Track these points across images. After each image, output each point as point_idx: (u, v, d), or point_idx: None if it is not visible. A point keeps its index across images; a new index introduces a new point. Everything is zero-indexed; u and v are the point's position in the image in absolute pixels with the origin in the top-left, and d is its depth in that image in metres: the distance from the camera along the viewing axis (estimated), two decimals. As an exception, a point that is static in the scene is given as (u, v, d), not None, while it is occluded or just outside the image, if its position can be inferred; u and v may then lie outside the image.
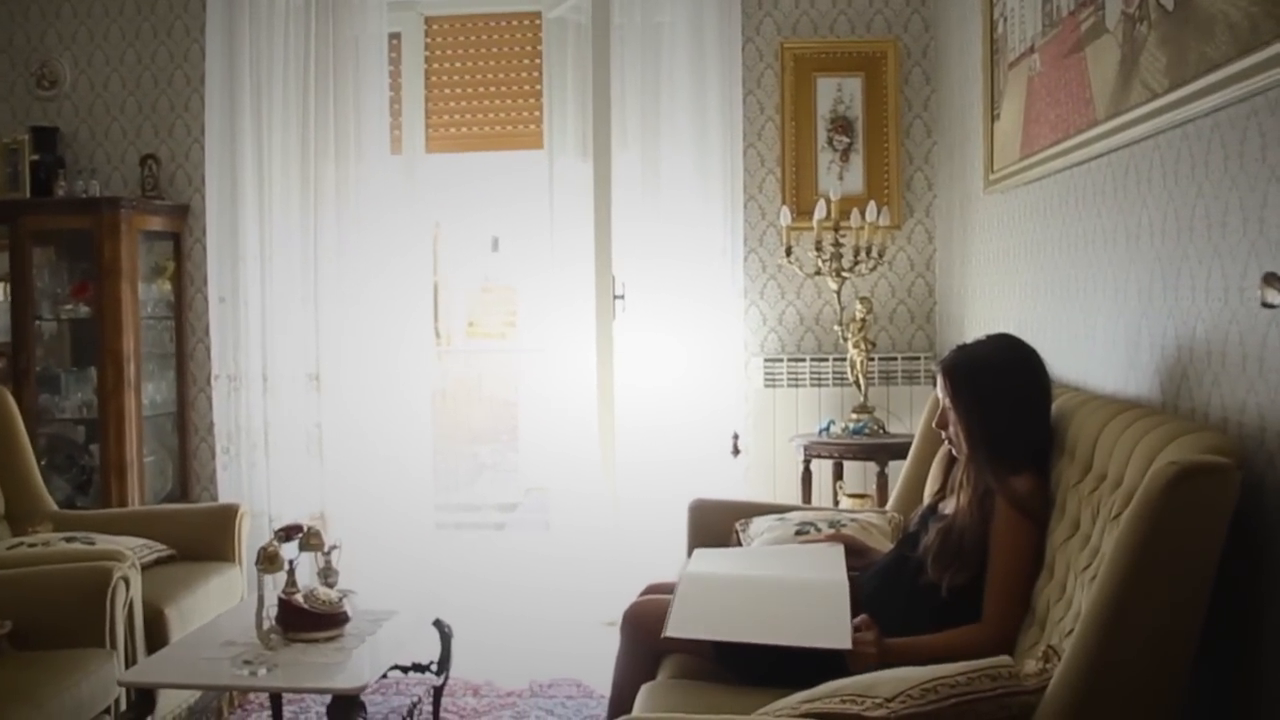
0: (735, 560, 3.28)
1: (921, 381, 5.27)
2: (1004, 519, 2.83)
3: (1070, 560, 2.57)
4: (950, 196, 5.06)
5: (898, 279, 5.40)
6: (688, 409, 5.34)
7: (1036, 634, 2.68)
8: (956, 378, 2.98)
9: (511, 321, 14.89)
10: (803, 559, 3.27)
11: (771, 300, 5.45)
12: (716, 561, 3.29)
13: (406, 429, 5.68)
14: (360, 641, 3.42)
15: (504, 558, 6.17)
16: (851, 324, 5.01)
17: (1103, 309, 3.11)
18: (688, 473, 5.28)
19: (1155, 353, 2.78)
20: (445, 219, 12.75)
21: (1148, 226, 2.80)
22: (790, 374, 5.34)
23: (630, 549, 5.30)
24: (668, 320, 5.33)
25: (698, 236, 5.31)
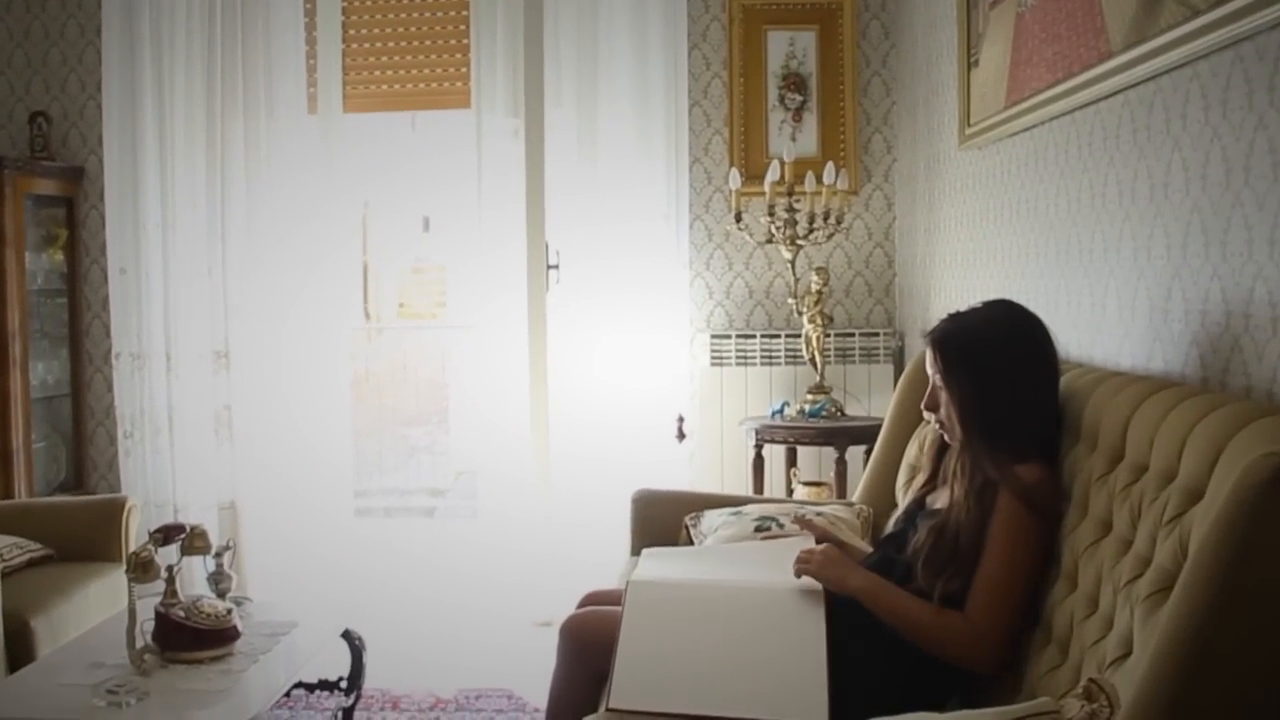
0: (691, 568, 2.72)
1: (881, 360, 4.76)
2: (1007, 514, 2.31)
3: (1103, 569, 2.06)
4: (913, 158, 4.54)
5: (854, 249, 4.88)
6: (628, 389, 4.79)
7: (1055, 656, 2.17)
8: (949, 351, 2.45)
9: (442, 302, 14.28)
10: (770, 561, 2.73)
11: (718, 272, 4.91)
12: (668, 568, 2.73)
13: (325, 411, 5.06)
14: (252, 661, 2.83)
15: (429, 549, 5.58)
16: (806, 296, 4.48)
17: (1117, 272, 2.59)
18: (628, 458, 4.73)
19: (1192, 320, 2.26)
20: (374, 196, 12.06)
21: (1180, 172, 2.28)
22: (739, 351, 4.80)
23: (565, 541, 4.75)
24: (606, 293, 4.77)
25: (639, 202, 4.75)
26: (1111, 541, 2.07)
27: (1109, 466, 2.18)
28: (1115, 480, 2.12)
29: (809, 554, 2.44)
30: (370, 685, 3.76)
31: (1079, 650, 2.06)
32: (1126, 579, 1.93)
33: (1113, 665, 1.86)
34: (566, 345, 4.76)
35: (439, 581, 5.11)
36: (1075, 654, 2.07)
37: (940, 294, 4.18)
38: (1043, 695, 2.15)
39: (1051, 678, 2.14)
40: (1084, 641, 2.04)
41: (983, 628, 2.28)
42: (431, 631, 4.60)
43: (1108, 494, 2.14)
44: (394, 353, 11.82)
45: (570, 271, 4.73)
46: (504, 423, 4.85)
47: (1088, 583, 2.11)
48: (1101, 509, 2.15)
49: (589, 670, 2.63)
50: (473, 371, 5.06)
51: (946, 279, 4.08)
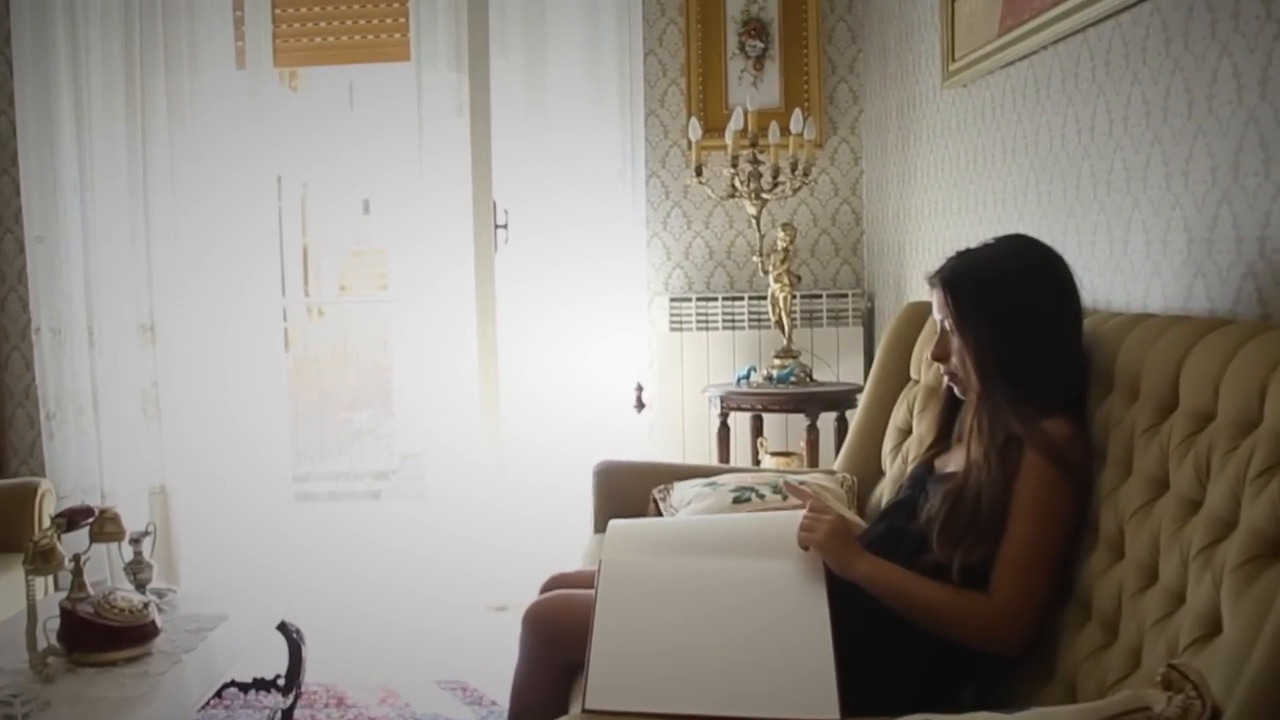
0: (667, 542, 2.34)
1: (850, 322, 4.42)
2: (1035, 474, 1.98)
3: (1161, 535, 1.72)
4: (883, 107, 4.19)
5: (819, 206, 4.53)
6: (583, 357, 4.41)
7: (1099, 636, 1.84)
8: (962, 291, 2.11)
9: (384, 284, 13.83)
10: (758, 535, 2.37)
11: (676, 231, 4.54)
12: (641, 543, 2.35)
13: (261, 392, 4.62)
14: (173, 661, 2.44)
15: (375, 534, 5.17)
16: (772, 255, 4.13)
17: (1144, 203, 2.26)
18: (584, 431, 4.37)
19: (1246, 249, 1.93)
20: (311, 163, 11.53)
21: (1231, 80, 1.95)
22: (700, 315, 4.44)
23: (520, 520, 4.38)
24: (558, 256, 4.38)
25: (592, 158, 4.36)
26: (1170, 502, 1.73)
27: (1157, 418, 1.85)
28: (1168, 433, 1.79)
29: (814, 521, 2.09)
30: (314, 680, 3.39)
31: (1135, 629, 1.72)
32: (1200, 545, 1.60)
33: (1192, 647, 1.53)
34: (516, 313, 4.38)
35: (386, 568, 4.71)
36: (1130, 634, 1.74)
37: (916, 248, 3.85)
38: (1086, 679, 1.82)
39: (1097, 661, 1.81)
40: (1142, 619, 1.70)
41: (1012, 605, 1.94)
42: (380, 621, 4.21)
43: (1159, 449, 1.80)
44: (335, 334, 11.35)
45: (520, 234, 4.35)
46: (452, 399, 4.45)
47: (1140, 551, 1.78)
48: (1152, 466, 1.81)
49: (557, 662, 2.27)
50: (418, 347, 4.65)
51: (924, 231, 3.75)
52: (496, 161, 4.21)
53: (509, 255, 4.31)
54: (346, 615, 4.24)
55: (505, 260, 4.30)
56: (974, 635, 1.97)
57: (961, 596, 1.97)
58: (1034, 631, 1.95)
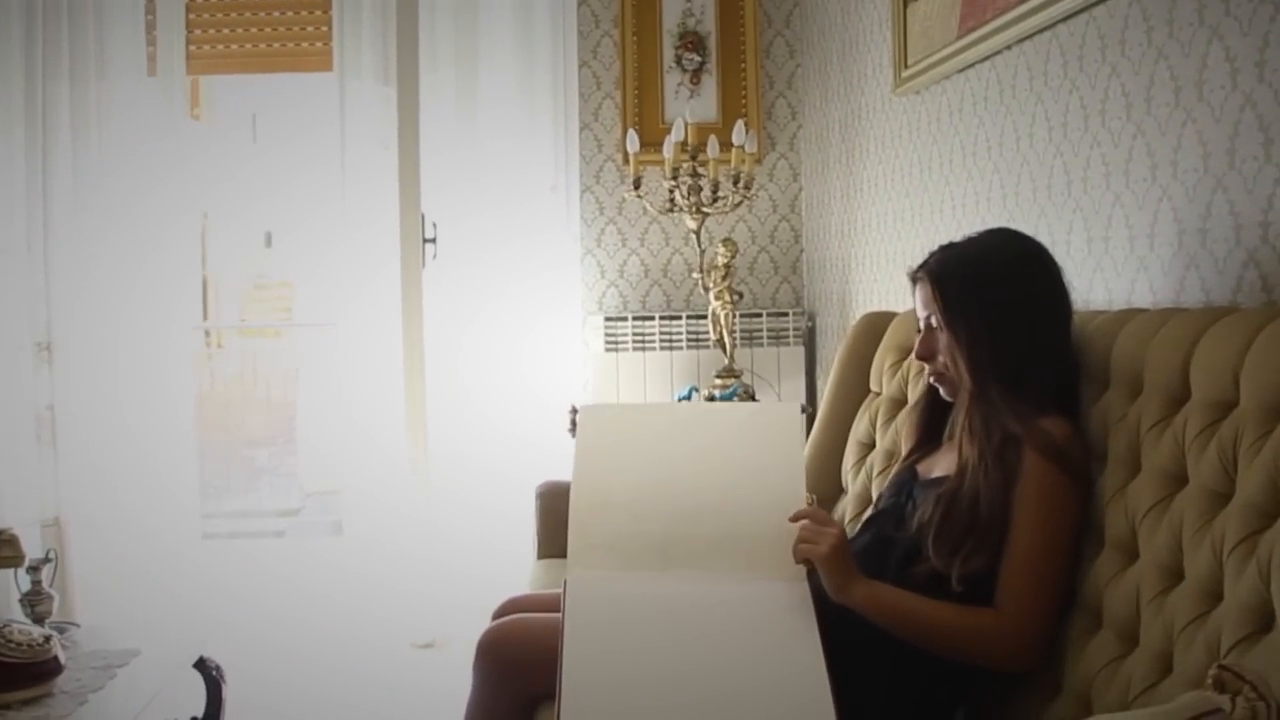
0: (644, 453, 2.14)
1: (791, 342, 4.33)
2: (1037, 476, 1.87)
3: (1183, 532, 1.62)
4: (824, 121, 4.13)
5: (758, 223, 4.45)
6: (515, 379, 4.25)
7: (1115, 644, 1.73)
8: (951, 285, 2.01)
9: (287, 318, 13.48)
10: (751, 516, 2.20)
11: (610, 249, 4.41)
12: (613, 443, 2.18)
13: (165, 422, 4.36)
14: (79, 702, 2.21)
15: (288, 572, 4.91)
16: (713, 271, 4.02)
17: (1126, 197, 2.19)
18: (516, 457, 4.19)
19: (1248, 236, 1.86)
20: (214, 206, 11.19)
21: (1224, 64, 1.88)
22: (636, 335, 4.31)
23: (448, 553, 4.18)
24: (489, 273, 4.22)
25: (523, 171, 4.22)
26: (1192, 497, 1.64)
27: (1166, 411, 1.76)
28: (1182, 426, 1.70)
29: (817, 533, 1.95)
30: (229, 723, 3.15)
31: (1161, 634, 1.61)
32: (1238, 537, 1.50)
33: (1239, 646, 1.42)
34: (444, 335, 4.20)
35: (301, 608, 4.46)
36: (1155, 639, 1.63)
37: (863, 262, 3.77)
38: (1104, 691, 1.71)
39: (1115, 671, 1.70)
40: (1170, 622, 1.60)
41: (1023, 618, 1.83)
42: (297, 662, 3.97)
43: (1172, 442, 1.71)
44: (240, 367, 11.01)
45: (449, 250, 4.18)
46: (373, 427, 4.24)
47: (1159, 551, 1.67)
48: (1165, 460, 1.72)
49: (516, 693, 2.10)
50: (333, 377, 4.43)
51: (872, 244, 3.67)
52: (425, 175, 4.05)
53: (438, 272, 4.14)
54: (261, 657, 4.00)
55: (434, 277, 4.12)
56: (985, 654, 1.85)
57: (968, 614, 1.85)
58: (1047, 644, 1.84)
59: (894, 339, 2.94)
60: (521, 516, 4.13)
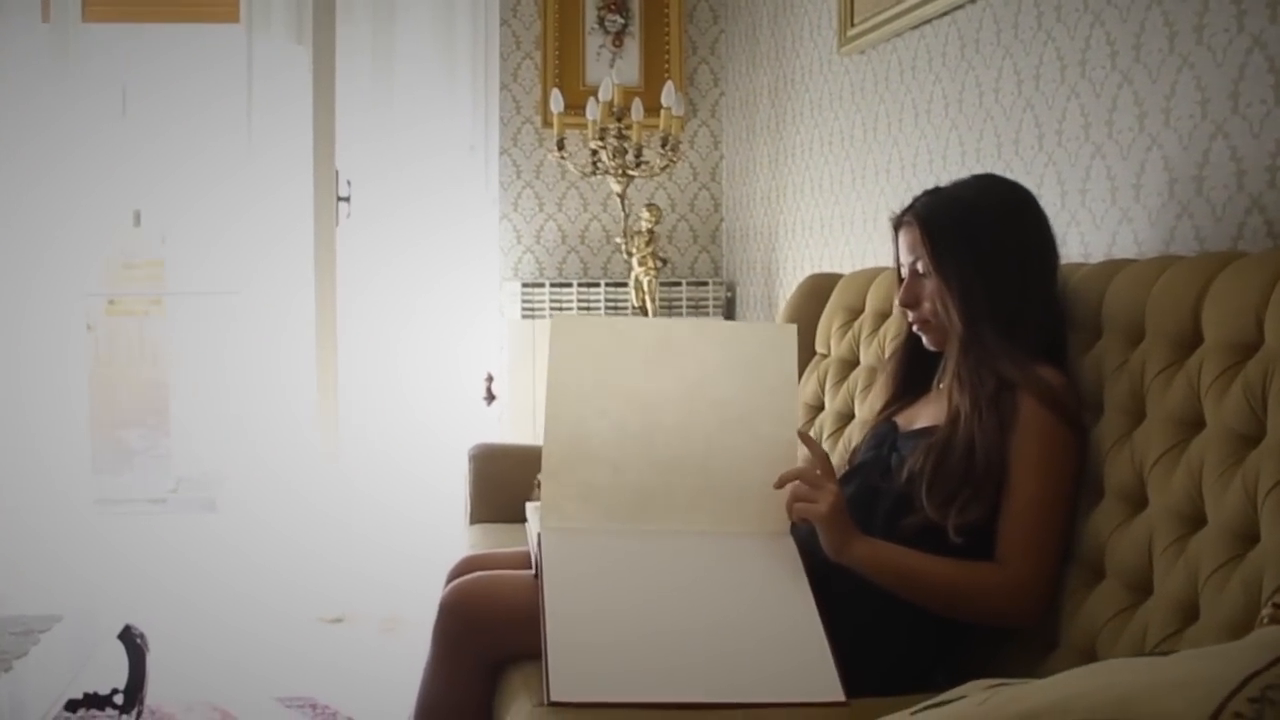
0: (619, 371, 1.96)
1: (711, 311, 4.24)
2: (1035, 425, 1.81)
3: (1207, 475, 1.56)
4: (751, 87, 4.04)
5: (678, 190, 4.35)
6: (430, 345, 4.08)
7: (1122, 595, 1.67)
8: (940, 228, 1.93)
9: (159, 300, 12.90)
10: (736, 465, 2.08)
11: (527, 213, 4.26)
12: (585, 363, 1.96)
13: (59, 388, 4.08)
14: (4, 669, 1.99)
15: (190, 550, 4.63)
16: (636, 237, 3.91)
17: (1109, 148, 2.14)
18: (429, 425, 4.03)
19: (1253, 181, 1.81)
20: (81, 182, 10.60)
21: (1229, 7, 1.84)
22: (555, 303, 4.17)
23: (358, 526, 3.99)
24: (404, 235, 4.04)
25: (441, 132, 4.05)
26: (1213, 441, 1.58)
27: (1175, 356, 1.71)
28: (1196, 370, 1.64)
29: (814, 490, 1.83)
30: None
31: (1183, 580, 1.55)
32: (1276, 478, 1.45)
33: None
34: (358, 299, 4.00)
35: (204, 588, 4.20)
36: (1175, 586, 1.56)
37: (794, 229, 3.70)
38: (1112, 642, 1.65)
39: (1126, 622, 1.64)
40: (1194, 568, 1.54)
41: (1026, 571, 1.76)
42: (206, 640, 3.73)
43: (1185, 387, 1.66)
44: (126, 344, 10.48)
45: (364, 212, 3.98)
46: (283, 394, 4.02)
47: (1175, 497, 1.62)
48: (1177, 406, 1.66)
49: (481, 657, 1.95)
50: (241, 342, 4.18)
51: (805, 209, 3.60)
52: (340, 134, 3.84)
53: (352, 234, 3.93)
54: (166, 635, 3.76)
55: (348, 241, 3.92)
56: (989, 610, 1.77)
57: (971, 569, 1.78)
58: (1051, 597, 1.77)
59: (841, 300, 2.87)
60: (438, 485, 3.97)
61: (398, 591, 3.91)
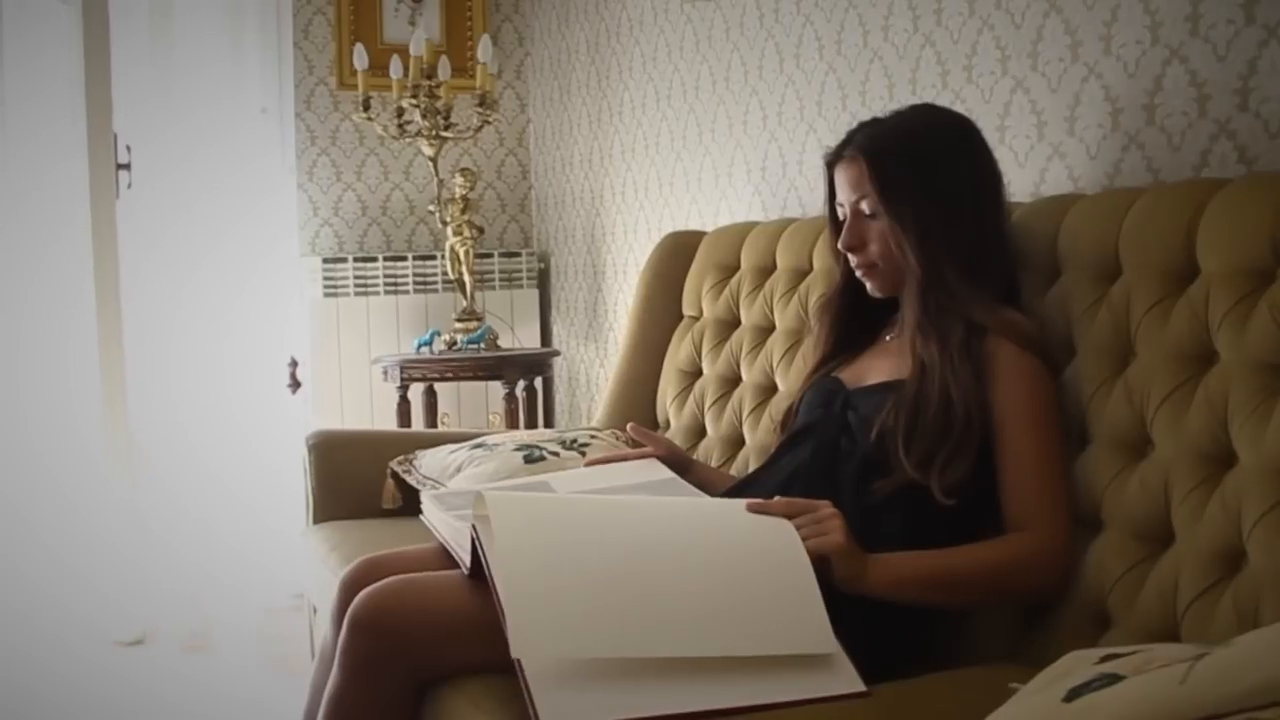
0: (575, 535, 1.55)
1: (525, 284, 3.95)
2: (1022, 371, 1.65)
3: (1234, 411, 1.42)
4: (565, 44, 3.76)
5: (484, 157, 4.02)
6: (225, 332, 3.61)
7: (1135, 547, 1.52)
8: (889, 162, 1.72)
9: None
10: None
11: (324, 183, 3.84)
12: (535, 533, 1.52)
13: None
14: None
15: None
16: (450, 204, 3.58)
17: (1035, 80, 2.00)
18: (230, 421, 3.58)
19: (1219, 106, 1.70)
20: None
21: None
22: (359, 279, 3.78)
23: (157, 532, 3.49)
24: (193, 208, 3.56)
25: (228, 94, 3.58)
26: (1234, 373, 1.44)
27: (1167, 289, 1.57)
28: (1201, 301, 1.51)
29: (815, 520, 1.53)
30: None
31: (1218, 525, 1.41)
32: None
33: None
34: (143, 280, 3.49)
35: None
36: (1206, 532, 1.42)
37: (623, 191, 3.46)
38: (1129, 600, 1.50)
39: (1146, 575, 1.49)
40: (1234, 511, 1.39)
41: (1056, 529, 1.58)
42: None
43: (1189, 320, 1.52)
44: None
45: (146, 182, 3.47)
46: (58, 396, 3.44)
47: (1192, 437, 1.48)
48: (1180, 340, 1.53)
49: (407, 676, 1.62)
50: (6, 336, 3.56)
51: (637, 170, 3.36)
52: (116, 96, 3.31)
53: (134, 207, 3.41)
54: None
55: (130, 215, 3.40)
56: (1032, 583, 1.58)
57: (1001, 546, 1.58)
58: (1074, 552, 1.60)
59: (711, 258, 2.65)
60: (243, 484, 3.54)
61: (204, 606, 3.46)
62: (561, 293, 3.91)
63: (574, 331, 3.83)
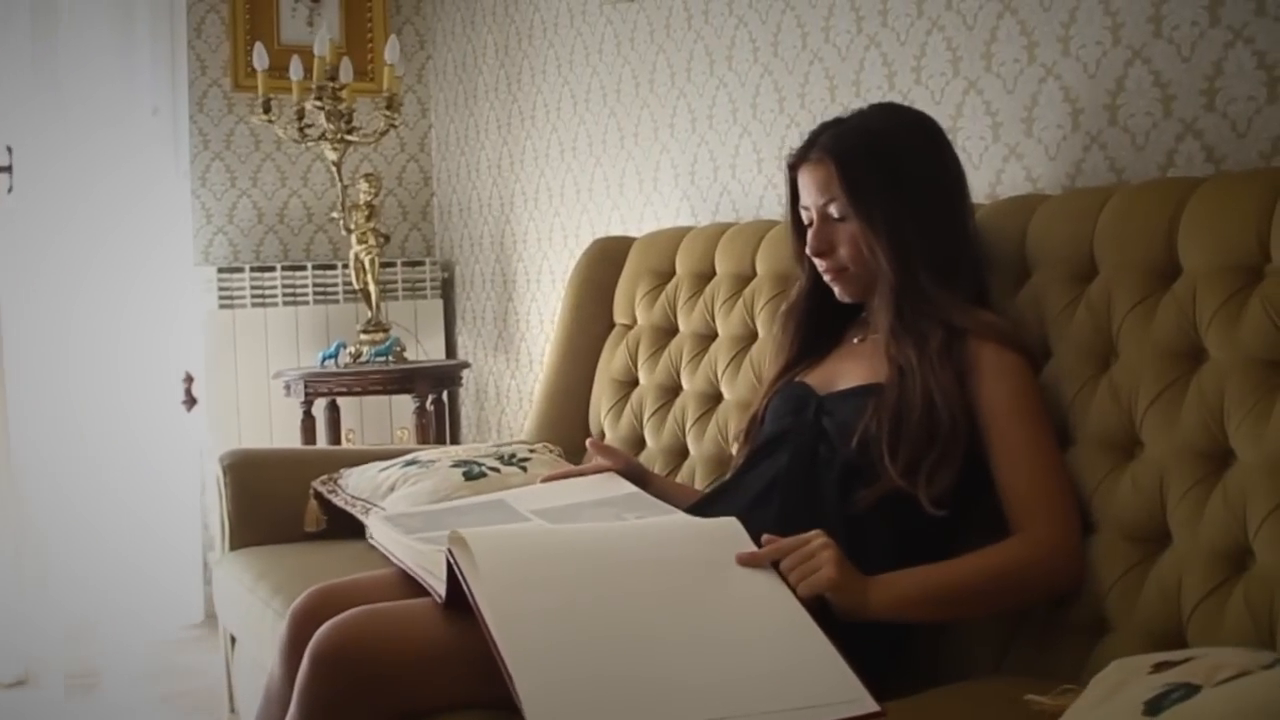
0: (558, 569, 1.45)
1: (429, 295, 3.81)
2: (1001, 367, 1.61)
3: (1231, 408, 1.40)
4: (471, 47, 3.64)
5: (384, 163, 3.86)
6: (115, 347, 3.39)
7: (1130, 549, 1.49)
8: (858, 164, 1.67)
9: None
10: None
11: (218, 189, 3.64)
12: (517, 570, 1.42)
13: None
14: None
15: None
16: (355, 211, 3.43)
17: (988, 81, 1.98)
18: (120, 442, 3.37)
19: (1185, 106, 1.69)
20: None
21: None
22: (256, 289, 3.59)
23: (38, 565, 3.25)
24: (80, 214, 3.33)
25: (118, 94, 3.36)
26: (1230, 371, 1.42)
27: (1151, 287, 1.55)
28: (1188, 299, 1.49)
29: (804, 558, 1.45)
30: None
31: (1221, 523, 1.38)
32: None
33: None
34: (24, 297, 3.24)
35: None
36: (1207, 532, 1.40)
37: (535, 198, 3.36)
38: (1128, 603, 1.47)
39: (1144, 576, 1.46)
40: (1238, 508, 1.37)
41: (1059, 528, 1.52)
42: None
43: (1176, 318, 1.51)
44: None
45: (29, 188, 3.23)
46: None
47: (1186, 435, 1.45)
48: (1168, 339, 1.51)
49: (373, 716, 1.49)
50: None
51: (552, 176, 3.27)
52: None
53: (15, 214, 3.17)
54: None
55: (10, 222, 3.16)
56: (1039, 587, 1.52)
57: (1004, 551, 1.51)
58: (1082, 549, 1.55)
59: (644, 264, 2.58)
60: (136, 509, 3.33)
61: (92, 640, 3.24)
62: (468, 303, 3.79)
63: (482, 343, 3.71)
